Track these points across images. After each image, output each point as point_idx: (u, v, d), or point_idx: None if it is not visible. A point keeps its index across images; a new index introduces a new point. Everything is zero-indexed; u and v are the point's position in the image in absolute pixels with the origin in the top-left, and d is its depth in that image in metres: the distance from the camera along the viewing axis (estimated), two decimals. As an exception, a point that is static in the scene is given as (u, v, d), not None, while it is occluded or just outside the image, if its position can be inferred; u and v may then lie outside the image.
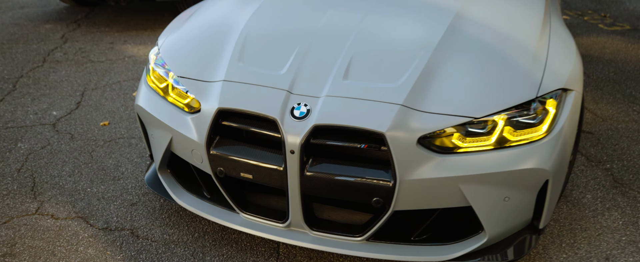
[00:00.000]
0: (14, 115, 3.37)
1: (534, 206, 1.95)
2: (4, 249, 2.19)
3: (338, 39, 2.08)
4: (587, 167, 2.84)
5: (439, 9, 2.29)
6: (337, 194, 1.85)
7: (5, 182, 2.66)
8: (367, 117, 1.77)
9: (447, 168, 1.78)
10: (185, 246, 2.22)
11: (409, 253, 1.93)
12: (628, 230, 2.34)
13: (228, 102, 1.90)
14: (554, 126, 1.89)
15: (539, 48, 2.08)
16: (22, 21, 5.37)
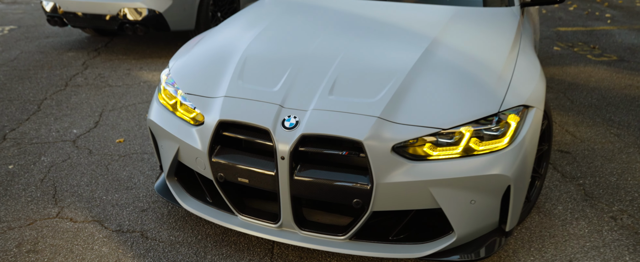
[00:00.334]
0: (38, 133, 3.65)
1: (499, 210, 2.15)
2: (28, 246, 2.42)
3: (326, 61, 2.34)
4: (561, 182, 3.03)
5: (418, 36, 2.55)
6: (323, 196, 2.07)
7: (30, 190, 2.91)
8: (348, 128, 2.01)
9: (418, 173, 2.00)
10: (189, 246, 2.44)
11: (386, 251, 2.13)
12: (592, 237, 2.52)
13: (228, 114, 2.14)
14: (515, 138, 2.11)
15: (504, 70, 2.31)
16: (47, 49, 5.72)
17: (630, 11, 7.86)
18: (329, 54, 2.40)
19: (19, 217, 2.66)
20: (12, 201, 2.80)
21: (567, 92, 4.53)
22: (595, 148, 3.47)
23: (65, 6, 5.35)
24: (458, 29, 2.68)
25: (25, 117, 3.93)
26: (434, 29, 2.63)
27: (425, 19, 2.80)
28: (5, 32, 6.51)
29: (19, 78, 4.79)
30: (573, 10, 8.07)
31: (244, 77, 2.31)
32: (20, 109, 4.07)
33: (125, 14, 5.12)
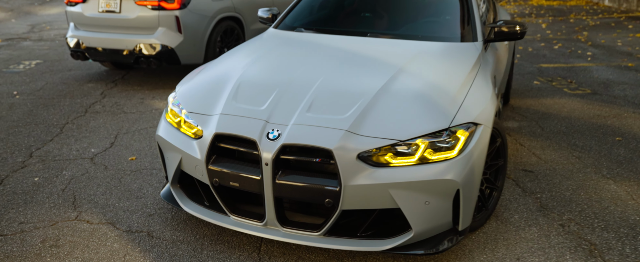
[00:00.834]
0: (60, 151, 4.03)
1: (451, 211, 2.48)
2: (50, 242, 2.77)
3: (306, 85, 2.72)
4: (521, 196, 3.35)
5: (387, 65, 2.94)
6: (300, 196, 2.41)
7: (53, 198, 3.27)
8: (320, 139, 2.37)
9: (380, 177, 2.35)
10: (189, 244, 2.77)
11: (354, 245, 2.46)
12: (540, 240, 2.83)
13: (222, 128, 2.52)
14: (464, 149, 2.46)
15: (457, 94, 2.68)
16: (69, 81, 6.18)
17: (611, 50, 8.25)
18: (309, 79, 2.79)
19: (43, 219, 3.02)
20: (37, 207, 3.16)
21: (539, 120, 4.87)
22: (557, 168, 3.79)
23: (87, 42, 5.83)
24: (423, 60, 3.07)
25: (49, 138, 4.33)
26: (402, 60, 3.02)
27: (396, 52, 3.19)
28: (33, 66, 7.01)
29: (44, 105, 5.22)
30: (557, 48, 8.48)
31: (238, 98, 2.70)
32: (45, 132, 4.47)
33: (140, 49, 5.58)
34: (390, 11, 3.83)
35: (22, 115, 4.93)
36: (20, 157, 3.93)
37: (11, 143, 4.22)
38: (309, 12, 4.00)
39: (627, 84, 6.18)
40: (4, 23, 11.18)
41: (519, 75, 6.70)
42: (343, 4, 4.03)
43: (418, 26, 3.66)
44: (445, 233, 2.57)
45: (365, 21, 3.81)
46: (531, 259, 2.66)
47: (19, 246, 2.74)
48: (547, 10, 13.04)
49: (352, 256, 2.68)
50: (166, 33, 5.55)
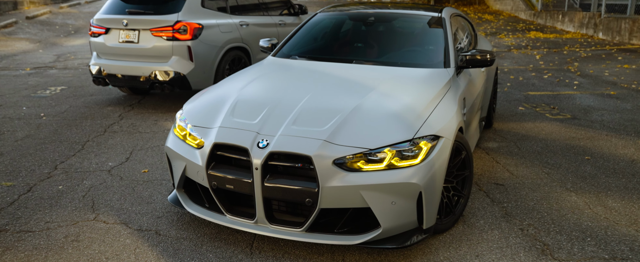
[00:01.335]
0: (81, 165, 4.44)
1: (416, 211, 2.82)
2: (72, 237, 3.15)
3: (294, 102, 3.12)
4: (489, 205, 3.68)
5: (365, 86, 3.33)
6: (285, 197, 2.78)
7: (74, 202, 3.66)
8: (302, 147, 2.75)
9: (352, 180, 2.71)
10: (190, 240, 3.13)
11: (330, 239, 2.80)
12: (500, 241, 3.15)
13: (220, 138, 2.91)
14: (426, 158, 2.82)
15: (424, 110, 3.06)
16: (91, 104, 6.65)
17: (597, 79, 8.58)
18: (297, 98, 3.19)
19: (66, 219, 3.40)
20: (61, 209, 3.56)
21: (518, 141, 5.20)
22: (526, 182, 4.11)
23: (108, 69, 6.31)
24: (397, 82, 3.46)
25: (72, 153, 4.75)
26: (378, 82, 3.41)
27: (375, 76, 3.59)
28: (58, 91, 7.51)
29: (68, 126, 5.67)
30: (547, 78, 8.83)
31: (234, 114, 3.10)
32: (68, 148, 4.90)
33: (156, 75, 6.04)
34: (374, 42, 4.25)
35: (48, 133, 5.38)
36: (47, 169, 4.34)
37: (39, 157, 4.64)
38: (303, 43, 4.42)
39: (606, 110, 6.50)
40: (33, 53, 11.81)
41: (506, 101, 7.04)
42: (333, 36, 4.45)
43: (398, 54, 4.07)
44: (412, 231, 2.91)
45: (352, 50, 4.23)
46: (489, 256, 2.98)
47: (45, 240, 3.13)
48: (543, 43, 13.43)
49: (331, 250, 3.02)
50: (179, 61, 6.02)
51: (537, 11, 17.68)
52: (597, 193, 3.90)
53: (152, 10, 6.11)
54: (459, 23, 4.75)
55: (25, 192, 3.87)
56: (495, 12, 20.47)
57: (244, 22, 6.88)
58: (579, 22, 15.08)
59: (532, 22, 17.65)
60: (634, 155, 4.77)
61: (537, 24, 17.33)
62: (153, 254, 2.97)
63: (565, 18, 15.79)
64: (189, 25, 5.99)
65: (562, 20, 15.96)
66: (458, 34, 4.51)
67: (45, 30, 15.36)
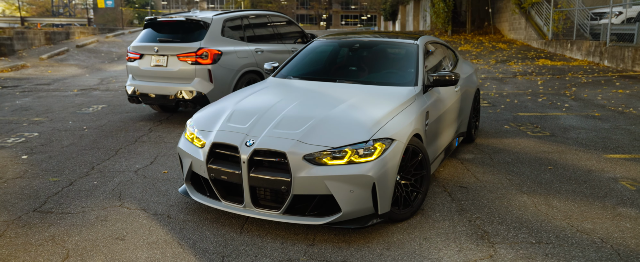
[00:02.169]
0: (113, 166, 5.17)
1: (371, 199, 3.39)
2: (102, 218, 3.83)
3: (279, 111, 3.76)
4: (448, 202, 4.20)
5: (338, 100, 3.95)
6: (266, 185, 3.39)
7: (105, 194, 4.36)
8: (279, 145, 3.37)
9: (318, 172, 3.31)
10: (194, 222, 3.77)
11: (301, 220, 3.39)
12: (448, 229, 3.67)
13: (217, 139, 3.57)
14: (380, 156, 3.40)
15: (383, 118, 3.65)
16: (126, 120, 7.45)
17: (588, 103, 8.95)
18: (281, 108, 3.83)
19: (97, 205, 4.10)
20: (94, 198, 4.25)
21: (492, 154, 5.69)
22: (487, 186, 4.61)
23: (141, 89, 7.11)
24: (367, 96, 4.07)
25: (106, 158, 5.49)
26: (351, 97, 4.02)
27: (350, 92, 4.20)
28: (99, 109, 8.37)
29: (105, 136, 6.45)
30: (541, 101, 9.25)
31: (230, 120, 3.76)
32: (104, 154, 5.64)
33: (181, 94, 6.79)
34: (357, 64, 4.88)
35: (88, 142, 6.15)
36: (85, 169, 5.08)
37: (79, 160, 5.40)
38: (299, 65, 5.08)
39: (584, 129, 6.91)
40: (80, 77, 12.88)
41: (495, 121, 7.52)
42: (324, 60, 5.11)
43: (375, 75, 4.69)
44: (370, 216, 3.47)
45: (337, 71, 4.87)
46: (435, 239, 3.51)
47: (80, 219, 3.81)
48: (549, 70, 13.79)
49: (305, 231, 3.61)
50: (201, 82, 6.77)
51: (547, 40, 18.03)
52: (546, 195, 4.38)
53: (179, 38, 6.90)
54: (435, 49, 5.34)
55: (67, 185, 4.60)
56: (509, 41, 20.85)
57: (259, 49, 7.61)
58: (586, 50, 15.38)
59: (543, 51, 17.99)
60: (593, 166, 5.21)
61: (547, 52, 17.66)
62: (163, 232, 3.61)
63: (574, 47, 16.11)
64: (210, 52, 6.75)
65: (571, 48, 16.27)
66: (432, 58, 5.09)
67: (92, 57, 16.57)
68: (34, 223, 3.77)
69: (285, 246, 3.40)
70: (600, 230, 3.66)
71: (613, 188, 4.54)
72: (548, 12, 18.22)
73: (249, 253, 3.31)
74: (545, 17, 18.51)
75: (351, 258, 3.24)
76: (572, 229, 3.69)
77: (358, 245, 3.42)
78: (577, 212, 3.99)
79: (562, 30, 17.55)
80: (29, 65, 14.57)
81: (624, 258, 3.26)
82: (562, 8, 17.77)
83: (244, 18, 7.64)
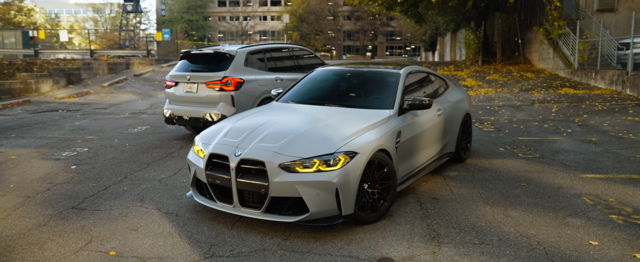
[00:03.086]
0: (143, 176, 5.93)
1: (335, 202, 3.93)
2: (123, 214, 4.54)
3: (266, 128, 4.39)
4: (417, 210, 4.65)
5: (318, 119, 4.54)
6: (249, 188, 4.01)
7: (131, 197, 5.10)
8: (260, 155, 3.99)
9: (290, 178, 3.90)
10: (195, 219, 4.41)
11: (277, 218, 3.97)
12: (406, 231, 4.14)
13: (213, 150, 4.23)
14: (343, 166, 3.95)
15: (351, 135, 4.20)
16: (163, 139, 8.30)
17: (591, 129, 9.08)
18: (269, 125, 4.46)
19: (122, 205, 4.83)
20: (121, 200, 5.00)
21: (476, 172, 6.08)
22: (458, 198, 5.03)
23: (176, 112, 7.95)
24: (344, 117, 4.63)
25: (139, 169, 6.28)
26: (330, 117, 4.61)
27: (332, 113, 4.78)
28: (142, 130, 9.30)
29: (142, 152, 7.28)
30: (546, 126, 9.45)
31: (226, 136, 4.42)
32: (137, 166, 6.44)
33: (210, 116, 7.56)
34: (345, 90, 5.47)
35: (127, 157, 6.99)
36: (119, 178, 5.87)
37: (117, 171, 6.20)
38: (298, 92, 5.71)
39: (574, 152, 7.15)
40: (133, 102, 14.06)
41: (492, 144, 7.85)
42: (318, 86, 5.72)
43: (358, 100, 5.26)
44: (335, 216, 4.01)
45: (328, 96, 5.46)
46: (392, 237, 3.99)
47: (106, 215, 4.54)
48: (568, 98, 13.81)
49: (283, 227, 4.18)
50: (224, 106, 7.52)
51: (573, 69, 17.95)
52: (508, 206, 4.75)
53: (207, 69, 7.73)
54: (420, 78, 5.85)
55: (102, 190, 5.38)
56: (537, 70, 20.80)
57: (279, 77, 8.34)
58: (609, 80, 15.29)
59: (568, 80, 17.90)
60: (564, 184, 5.51)
61: (573, 81, 17.57)
62: (169, 226, 4.28)
63: (598, 76, 16.02)
64: (233, 80, 7.52)
65: (595, 77, 16.18)
66: (415, 85, 5.60)
67: (147, 85, 17.91)
68: (70, 217, 4.53)
69: (264, 239, 3.98)
70: (541, 235, 4.03)
71: (572, 202, 4.86)
72: (574, 43, 18.20)
73: (233, 244, 3.90)
74: (572, 47, 18.47)
75: (315, 250, 3.78)
76: (517, 234, 4.08)
77: (324, 240, 3.95)
78: (528, 221, 4.36)
79: (587, 60, 17.47)
80: (92, 92, 15.99)
81: (551, 257, 3.63)
82: (587, 39, 17.72)
83: (266, 51, 8.41)
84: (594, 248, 3.78)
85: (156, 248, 3.82)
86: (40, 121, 10.55)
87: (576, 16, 20.20)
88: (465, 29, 24.92)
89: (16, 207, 4.79)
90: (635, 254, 3.67)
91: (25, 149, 7.55)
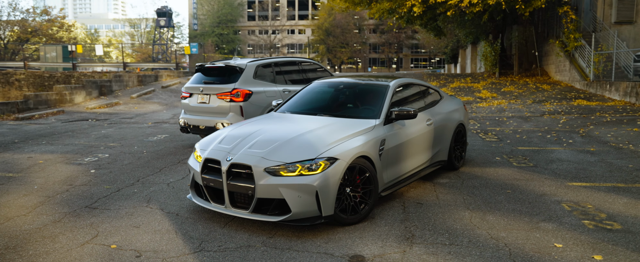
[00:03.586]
0: (153, 180, 6.32)
1: (315, 203, 4.20)
2: (129, 213, 4.91)
3: (256, 135, 4.70)
4: (399, 214, 4.87)
5: (306, 128, 4.82)
6: (238, 190, 4.32)
7: (139, 198, 5.47)
8: (248, 160, 4.30)
9: (274, 181, 4.19)
10: (193, 218, 4.73)
11: (263, 217, 4.25)
12: (383, 231, 4.36)
13: (208, 155, 4.56)
14: (323, 171, 4.22)
15: (333, 142, 4.47)
16: (178, 146, 8.72)
17: (593, 140, 9.06)
18: (260, 133, 4.77)
19: (130, 205, 5.20)
20: (130, 201, 5.38)
21: (466, 180, 6.23)
22: (441, 203, 5.22)
23: (190, 122, 8.36)
24: (331, 126, 4.90)
25: (151, 173, 6.68)
26: (317, 126, 4.88)
27: (321, 122, 5.05)
28: (161, 138, 9.77)
29: (157, 158, 7.70)
30: (549, 137, 9.48)
31: (222, 142, 4.75)
32: (150, 171, 6.85)
33: (222, 124, 7.94)
34: (337, 101, 5.74)
35: (143, 162, 7.42)
36: (132, 181, 6.27)
37: (130, 175, 6.62)
38: (295, 103, 6.02)
39: (568, 161, 7.21)
40: (158, 113, 14.64)
41: (490, 153, 7.96)
42: (314, 98, 6.01)
43: (348, 110, 5.53)
44: (316, 216, 4.27)
45: (321, 107, 5.74)
46: (369, 237, 4.23)
47: (114, 214, 4.92)
48: (580, 109, 13.71)
49: (270, 226, 4.46)
50: (234, 116, 7.89)
51: (589, 81, 17.76)
52: (487, 211, 4.92)
53: (219, 81, 8.13)
54: (410, 90, 6.08)
55: (115, 191, 5.78)
56: (554, 82, 20.61)
57: (286, 89, 8.67)
58: (623, 91, 15.11)
59: (584, 92, 17.71)
60: (549, 191, 5.62)
61: (588, 93, 17.38)
62: (168, 224, 4.62)
63: (612, 87, 15.84)
64: (242, 92, 7.89)
65: (610, 89, 16.00)
66: (405, 97, 5.83)
67: (172, 96, 18.55)
68: (82, 215, 4.92)
69: (251, 237, 4.27)
70: (510, 238, 4.20)
71: (551, 208, 4.99)
72: (589, 55, 18.02)
73: (222, 240, 4.21)
74: (588, 59, 18.28)
75: (295, 247, 4.05)
76: (487, 236, 4.25)
77: (306, 239, 4.21)
78: (502, 225, 4.53)
79: (602, 72, 17.27)
80: (121, 103, 16.70)
81: (513, 258, 3.80)
82: (602, 51, 17.53)
83: (274, 64, 8.77)
84: (557, 250, 3.93)
85: (153, 243, 4.16)
86: (70, 129, 11.16)
87: (593, 28, 19.98)
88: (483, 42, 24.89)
89: (36, 206, 5.22)
90: (594, 256, 3.81)
91: (53, 155, 8.08)
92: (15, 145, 9.12)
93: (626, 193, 5.51)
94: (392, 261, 3.78)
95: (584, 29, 20.58)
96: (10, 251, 4.05)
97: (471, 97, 17.41)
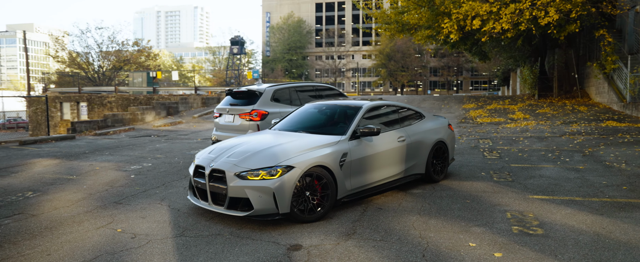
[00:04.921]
0: (176, 184, 7.32)
1: (273, 202, 4.93)
2: (143, 208, 5.89)
3: (236, 147, 5.52)
4: (357, 216, 5.45)
5: (280, 142, 5.58)
6: (217, 190, 5.14)
7: (156, 197, 6.46)
8: (223, 166, 5.13)
9: (241, 183, 4.98)
10: (188, 213, 5.61)
11: (234, 212, 5.04)
12: (333, 228, 4.98)
13: (198, 162, 5.45)
14: (280, 176, 4.95)
15: (295, 154, 5.19)
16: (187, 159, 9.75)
17: (591, 159, 8.86)
18: (240, 145, 5.59)
19: (147, 202, 6.19)
20: (149, 199, 6.37)
21: (441, 191, 6.62)
22: (399, 209, 5.72)
23: (220, 138, 9.37)
24: (301, 141, 5.62)
25: (177, 179, 7.70)
26: (292, 141, 5.62)
27: (295, 138, 5.78)
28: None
29: (187, 167, 8.75)
30: (550, 156, 9.46)
31: (211, 152, 5.62)
32: (177, 177, 7.88)
33: (240, 141, 8.87)
34: (317, 120, 6.45)
35: (174, 171, 8.48)
36: (158, 184, 7.31)
37: (161, 180, 7.67)
38: (286, 123, 6.78)
39: (548, 178, 7.35)
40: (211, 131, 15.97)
41: (479, 169, 8.20)
42: (301, 118, 6.75)
43: (323, 128, 6.21)
44: (275, 213, 4.99)
45: (303, 125, 6.47)
46: (316, 232, 4.86)
47: (131, 208, 5.92)
48: (603, 130, 13.30)
49: (242, 221, 5.23)
50: (252, 133, 8.81)
51: (626, 103, 17.04)
52: (433, 216, 5.36)
53: (242, 103, 9.11)
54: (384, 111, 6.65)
55: (142, 192, 6.82)
56: (592, 104, 19.82)
57: (301, 110, 9.46)
58: (654, 113, 14.43)
59: (620, 113, 16.98)
60: (504, 202, 5.92)
61: (623, 114, 16.66)
62: (167, 215, 5.53)
63: (646, 109, 15.15)
64: (259, 112, 8.80)
65: (643, 111, 15.30)
66: (378, 116, 6.43)
67: (229, 116, 20.02)
68: (107, 208, 5.97)
69: (223, 228, 5.06)
70: (436, 238, 4.67)
71: (493, 216, 5.34)
72: (626, 77, 17.31)
73: (200, 229, 5.04)
74: (625, 81, 17.55)
75: (253, 236, 4.78)
76: (418, 236, 4.74)
77: (265, 231, 4.94)
78: (438, 227, 4.98)
79: (638, 94, 16.52)
80: (183, 122, 18.32)
81: (424, 252, 4.29)
82: (638, 73, 16.79)
83: (291, 89, 9.63)
84: (468, 248, 4.36)
85: (148, 229, 5.07)
86: (132, 143, 12.65)
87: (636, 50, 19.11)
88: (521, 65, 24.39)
89: (79, 200, 6.36)
90: (495, 254, 4.21)
91: (109, 163, 9.40)
92: (84, 155, 10.61)
93: (576, 206, 5.70)
94: (324, 250, 4.40)
95: (629, 51, 19.70)
96: (48, 230, 5.12)
97: (503, 118, 17.27)
